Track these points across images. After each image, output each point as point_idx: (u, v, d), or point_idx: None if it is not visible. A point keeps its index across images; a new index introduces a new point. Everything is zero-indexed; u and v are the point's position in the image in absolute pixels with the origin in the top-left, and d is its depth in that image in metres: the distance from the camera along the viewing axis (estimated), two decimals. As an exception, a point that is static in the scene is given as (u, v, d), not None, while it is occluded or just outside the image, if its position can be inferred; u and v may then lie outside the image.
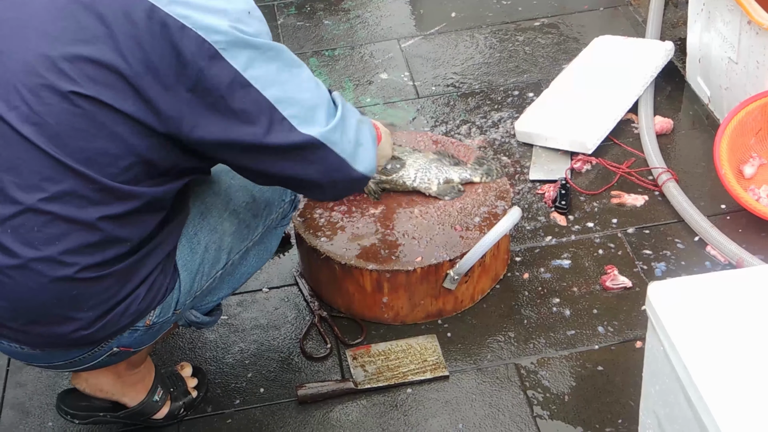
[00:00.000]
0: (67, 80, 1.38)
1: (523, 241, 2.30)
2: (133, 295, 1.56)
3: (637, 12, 3.08)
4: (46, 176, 1.41)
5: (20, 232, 1.43)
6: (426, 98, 2.81)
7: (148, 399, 1.87)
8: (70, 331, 1.53)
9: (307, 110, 1.51)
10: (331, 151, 1.54)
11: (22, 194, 1.42)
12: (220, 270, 1.75)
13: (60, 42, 1.38)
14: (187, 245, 1.68)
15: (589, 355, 2.01)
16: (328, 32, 3.16)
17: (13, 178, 1.41)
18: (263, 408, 1.97)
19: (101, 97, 1.39)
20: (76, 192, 1.42)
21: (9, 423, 1.99)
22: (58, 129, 1.39)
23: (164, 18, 1.38)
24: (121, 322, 1.57)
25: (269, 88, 1.46)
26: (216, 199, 1.75)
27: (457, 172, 2.19)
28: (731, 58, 2.41)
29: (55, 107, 1.39)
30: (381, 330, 2.11)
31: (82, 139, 1.40)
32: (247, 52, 1.43)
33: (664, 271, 2.18)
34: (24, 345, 1.58)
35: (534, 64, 2.91)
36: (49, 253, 1.44)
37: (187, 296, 1.69)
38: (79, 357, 1.62)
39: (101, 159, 1.42)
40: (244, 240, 1.79)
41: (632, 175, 2.45)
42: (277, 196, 1.85)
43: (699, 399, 1.26)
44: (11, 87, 1.39)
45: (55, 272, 1.46)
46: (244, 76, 1.43)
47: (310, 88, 1.53)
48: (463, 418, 1.91)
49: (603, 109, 2.59)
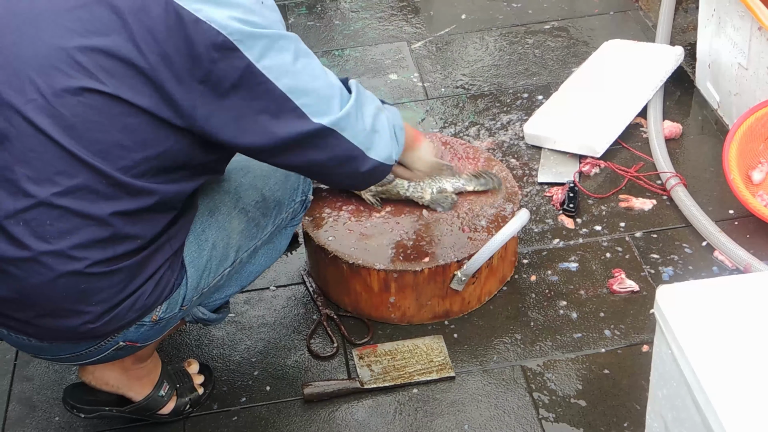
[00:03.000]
0: (83, 72, 1.39)
1: (530, 244, 2.30)
2: (140, 290, 1.56)
3: (647, 16, 3.08)
4: (60, 170, 1.42)
5: (32, 225, 1.43)
6: (435, 99, 2.81)
7: (153, 394, 1.88)
8: (78, 324, 1.53)
9: (320, 99, 1.51)
10: (342, 138, 1.54)
11: (35, 187, 1.42)
12: (227, 268, 1.75)
13: (75, 34, 1.39)
14: (194, 242, 1.68)
15: (595, 358, 2.01)
16: (339, 32, 3.16)
17: (26, 170, 1.42)
18: (269, 406, 1.98)
19: (117, 91, 1.40)
20: (89, 187, 1.43)
21: (16, 417, 1.99)
22: (73, 121, 1.40)
23: (179, 10, 1.39)
24: (128, 317, 1.57)
25: (282, 78, 1.46)
26: (225, 197, 1.75)
27: (451, 182, 2.18)
28: (741, 63, 2.41)
29: (71, 99, 1.39)
30: (387, 330, 2.11)
31: (97, 131, 1.41)
32: (260, 43, 1.43)
33: (672, 275, 2.18)
34: (32, 337, 1.59)
35: (543, 67, 2.91)
36: (60, 247, 1.45)
37: (194, 293, 1.69)
38: (86, 350, 1.62)
39: (115, 152, 1.43)
40: (252, 239, 1.79)
41: (640, 179, 2.45)
42: (287, 196, 1.85)
43: (707, 403, 1.26)
44: (26, 79, 1.40)
45: (65, 266, 1.46)
46: (257, 67, 1.43)
47: (322, 77, 1.54)
48: (469, 419, 1.91)
49: (612, 112, 2.59)
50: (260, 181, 1.80)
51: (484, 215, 2.14)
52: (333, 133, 1.53)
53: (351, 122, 1.55)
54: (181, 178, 1.53)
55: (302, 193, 1.90)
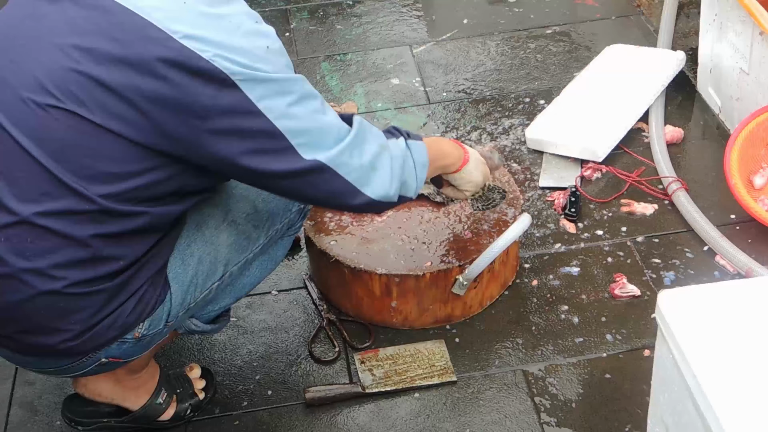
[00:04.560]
0: (74, 100, 1.39)
1: (532, 248, 2.30)
2: (120, 309, 1.54)
3: (649, 21, 3.08)
4: (45, 191, 1.42)
5: (13, 241, 1.44)
6: (437, 104, 2.81)
7: (150, 402, 1.87)
8: (57, 342, 1.53)
9: (316, 138, 1.50)
10: (336, 175, 1.53)
11: (18, 205, 1.43)
12: (215, 282, 1.72)
13: (71, 60, 1.39)
14: (179, 257, 1.64)
15: (596, 363, 2.01)
16: (341, 37, 3.17)
17: (11, 188, 1.43)
18: (271, 410, 1.98)
19: (106, 123, 1.40)
20: (72, 209, 1.43)
21: (17, 421, 1.99)
22: (61, 145, 1.40)
23: (181, 49, 1.38)
24: (108, 335, 1.56)
25: (281, 120, 1.46)
26: (214, 210, 1.72)
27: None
28: (743, 68, 2.41)
29: (60, 124, 1.40)
30: (389, 334, 2.11)
31: (84, 156, 1.41)
32: (262, 87, 1.43)
33: (673, 280, 2.18)
34: (14, 352, 1.60)
35: (545, 71, 2.91)
36: (39, 265, 1.45)
37: (180, 308, 1.66)
38: (68, 365, 1.61)
39: (102, 178, 1.43)
40: (243, 252, 1.76)
41: (642, 184, 2.45)
42: (282, 206, 1.82)
43: (708, 408, 1.27)
44: (19, 100, 1.41)
45: (44, 285, 1.46)
46: (257, 106, 1.43)
47: (321, 117, 1.52)
48: (470, 423, 1.91)
49: (614, 117, 2.59)
50: (253, 192, 1.76)
51: (486, 220, 2.14)
52: (327, 169, 1.52)
53: (345, 159, 1.53)
54: (170, 201, 1.53)
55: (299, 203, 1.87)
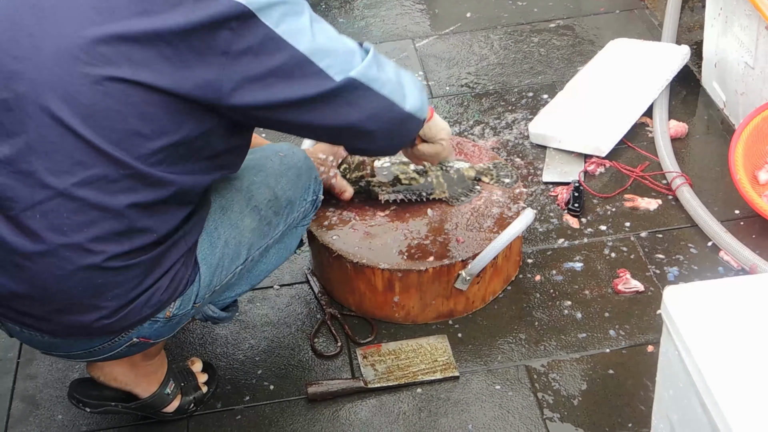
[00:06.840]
0: (102, 60, 1.38)
1: (535, 243, 2.29)
2: (155, 285, 1.56)
3: (653, 15, 3.07)
4: (78, 160, 1.42)
5: (50, 217, 1.43)
6: (440, 98, 2.80)
7: (159, 391, 1.88)
8: (93, 320, 1.54)
9: (341, 57, 1.52)
10: (371, 90, 1.55)
11: (53, 179, 1.42)
12: (239, 266, 1.75)
13: (93, 22, 1.38)
14: (207, 239, 1.68)
15: (600, 359, 2.00)
16: (343, 30, 3.12)
17: (44, 162, 1.42)
18: (273, 405, 1.97)
19: (136, 76, 1.39)
20: (106, 177, 1.43)
21: (19, 415, 1.99)
22: (91, 110, 1.40)
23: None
24: (143, 313, 1.58)
25: (302, 42, 1.46)
26: (238, 195, 1.75)
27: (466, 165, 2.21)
28: (748, 63, 2.40)
29: (89, 88, 1.39)
30: (392, 329, 2.11)
31: (115, 119, 1.41)
32: (278, 9, 1.44)
33: (677, 275, 2.17)
34: (46, 334, 1.59)
35: (549, 65, 2.90)
36: (77, 239, 1.45)
37: (207, 290, 1.69)
38: (99, 346, 1.63)
39: (133, 140, 1.42)
40: (264, 237, 1.79)
41: (646, 179, 2.44)
42: (299, 195, 1.85)
43: (713, 404, 1.26)
44: (45, 69, 1.39)
45: (83, 260, 1.46)
46: (276, 33, 1.44)
47: (338, 38, 1.54)
48: (473, 419, 1.90)
49: (617, 112, 2.58)
50: (272, 180, 1.80)
51: (489, 215, 2.13)
52: (361, 85, 1.53)
53: (374, 73, 1.55)
54: (198, 169, 1.53)
55: (313, 193, 1.90)
